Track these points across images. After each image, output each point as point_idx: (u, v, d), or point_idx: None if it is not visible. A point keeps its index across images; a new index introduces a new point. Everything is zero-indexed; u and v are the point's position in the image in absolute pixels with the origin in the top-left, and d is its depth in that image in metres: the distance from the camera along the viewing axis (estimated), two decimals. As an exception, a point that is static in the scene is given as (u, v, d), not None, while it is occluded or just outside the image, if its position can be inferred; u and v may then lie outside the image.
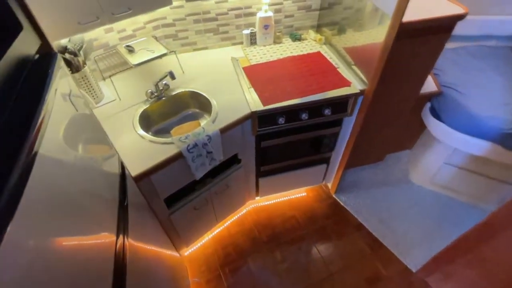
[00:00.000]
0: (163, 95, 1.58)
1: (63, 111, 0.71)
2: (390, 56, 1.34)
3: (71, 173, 0.65)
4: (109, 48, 1.61)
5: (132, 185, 1.11)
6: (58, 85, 0.70)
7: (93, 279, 0.60)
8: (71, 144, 0.69)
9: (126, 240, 0.84)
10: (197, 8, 1.72)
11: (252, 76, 1.67)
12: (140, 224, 1.11)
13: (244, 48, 1.93)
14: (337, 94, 1.55)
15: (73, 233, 0.56)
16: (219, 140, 1.41)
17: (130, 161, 1.25)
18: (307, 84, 1.60)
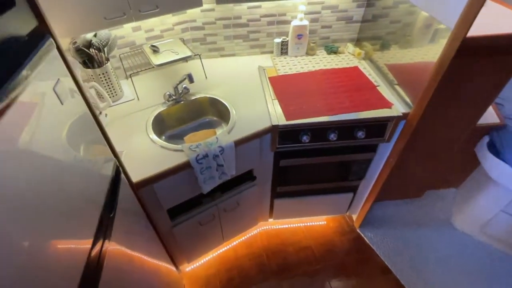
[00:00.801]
0: (182, 99, 1.49)
1: (44, 102, 0.61)
2: (445, 77, 1.12)
3: (39, 170, 0.55)
4: (135, 46, 1.57)
5: (126, 191, 1.00)
6: (41, 72, 0.61)
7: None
8: (43, 138, 0.59)
9: (106, 248, 0.74)
10: (228, 13, 1.64)
11: (277, 87, 1.52)
12: (131, 233, 0.99)
13: (273, 57, 1.81)
14: (374, 116, 1.35)
15: (40, 234, 0.53)
16: (232, 153, 1.27)
17: (135, 165, 1.15)
18: (339, 101, 1.42)
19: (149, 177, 1.12)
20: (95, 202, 0.77)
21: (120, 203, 0.89)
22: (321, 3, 1.66)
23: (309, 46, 1.79)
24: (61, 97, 0.67)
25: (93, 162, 0.81)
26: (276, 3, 1.63)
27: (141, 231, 1.12)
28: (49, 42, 0.66)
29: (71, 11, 1.10)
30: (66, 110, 0.71)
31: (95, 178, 0.80)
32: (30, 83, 0.56)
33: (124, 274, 0.86)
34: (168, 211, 1.37)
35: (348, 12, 1.72)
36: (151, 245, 1.21)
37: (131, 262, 0.93)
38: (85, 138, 0.80)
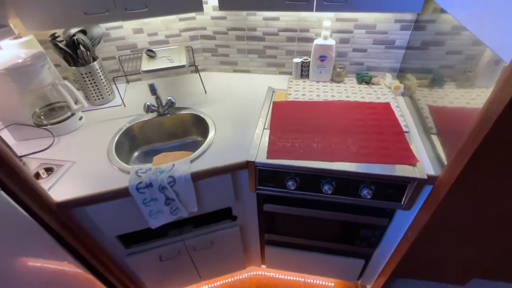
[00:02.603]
0: (167, 112, 1.31)
1: None
2: (502, 130, 0.70)
3: None
4: (136, 50, 1.47)
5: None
6: None
7: None
8: None
9: None
10: (241, 23, 1.43)
11: (277, 115, 1.24)
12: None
13: (291, 79, 1.53)
14: (387, 172, 0.96)
15: None
16: (189, 187, 1.02)
17: (74, 181, 1.00)
18: (347, 144, 1.06)
19: (75, 199, 0.94)
20: None
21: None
22: (353, 20, 1.33)
23: (335, 71, 1.46)
24: None
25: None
26: (297, 15, 1.37)
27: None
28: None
29: (46, 2, 1.02)
30: None
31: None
32: None
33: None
34: (120, 237, 1.18)
35: (388, 35, 1.35)
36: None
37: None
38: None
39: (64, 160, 1.10)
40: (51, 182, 1.00)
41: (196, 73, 1.63)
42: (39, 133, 1.19)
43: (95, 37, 1.29)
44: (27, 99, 1.15)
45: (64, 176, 1.03)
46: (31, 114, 1.19)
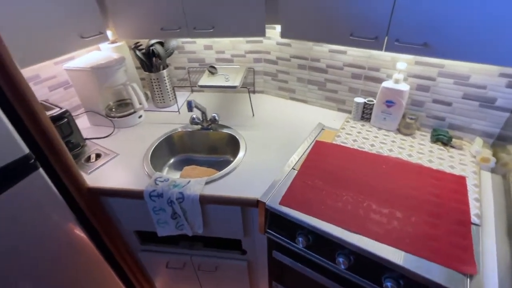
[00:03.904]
0: (210, 127, 1.35)
1: None
2: None
3: None
4: (204, 64, 1.58)
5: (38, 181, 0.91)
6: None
7: None
8: None
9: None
10: (305, 52, 1.36)
11: (312, 156, 1.11)
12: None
13: (349, 119, 1.36)
14: (423, 272, 0.72)
15: None
16: (197, 208, 1.00)
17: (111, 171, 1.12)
18: (385, 217, 0.86)
19: (101, 188, 1.05)
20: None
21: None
22: (438, 66, 1.10)
23: (404, 121, 1.23)
24: None
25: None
26: (367, 52, 1.21)
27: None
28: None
29: (133, 17, 1.19)
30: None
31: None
32: None
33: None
34: (138, 233, 1.26)
35: (487, 90, 1.05)
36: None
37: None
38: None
39: (112, 151, 1.24)
40: (94, 167, 1.14)
41: (252, 94, 1.64)
42: (107, 122, 1.39)
43: (170, 48, 1.44)
44: (104, 93, 1.36)
45: (105, 165, 1.16)
46: (105, 105, 1.40)
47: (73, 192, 0.99)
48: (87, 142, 1.30)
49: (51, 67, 1.30)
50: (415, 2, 0.82)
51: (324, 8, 0.97)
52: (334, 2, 0.94)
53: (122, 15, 1.21)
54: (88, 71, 1.23)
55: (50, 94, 1.32)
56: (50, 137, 0.87)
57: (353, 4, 0.92)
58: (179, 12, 1.16)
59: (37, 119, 0.83)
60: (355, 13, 0.93)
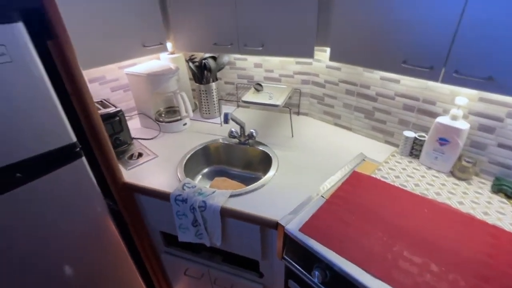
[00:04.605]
0: (246, 142, 1.36)
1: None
2: None
3: None
4: (252, 81, 1.63)
5: (80, 168, 0.97)
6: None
7: None
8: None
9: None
10: (355, 77, 1.31)
11: (346, 187, 1.03)
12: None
13: (395, 153, 1.25)
14: None
15: None
16: (217, 220, 1.00)
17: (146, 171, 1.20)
18: (415, 266, 0.74)
19: (133, 184, 1.11)
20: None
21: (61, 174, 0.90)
22: (507, 105, 0.95)
23: (460, 163, 1.08)
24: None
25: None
26: (423, 83, 1.11)
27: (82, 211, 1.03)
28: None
29: (191, 31, 1.30)
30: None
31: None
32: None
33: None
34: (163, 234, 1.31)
35: None
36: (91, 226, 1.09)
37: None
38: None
39: (153, 152, 1.32)
40: (134, 165, 1.23)
41: (296, 115, 1.62)
42: (154, 125, 1.50)
43: (221, 63, 1.52)
44: (156, 99, 1.48)
45: (144, 164, 1.24)
46: (156, 110, 1.52)
47: (109, 184, 1.08)
48: (134, 141, 1.41)
49: (115, 71, 1.46)
50: (480, 31, 0.73)
51: (376, 34, 0.93)
52: (388, 27, 0.90)
53: (182, 29, 1.32)
54: (144, 77, 1.36)
55: (111, 94, 1.48)
56: (97, 131, 0.97)
57: (408, 30, 0.86)
58: (233, 29, 1.22)
59: (88, 113, 0.93)
60: (410, 39, 0.86)
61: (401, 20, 0.86)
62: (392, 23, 0.88)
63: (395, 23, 0.88)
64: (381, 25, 0.91)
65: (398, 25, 0.87)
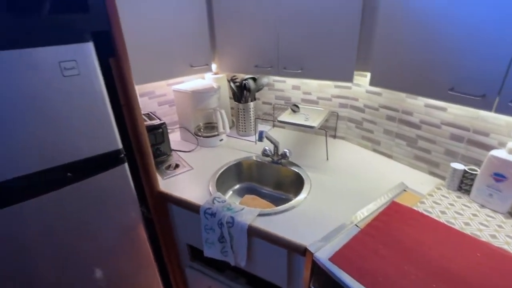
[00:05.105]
0: (279, 162, 1.36)
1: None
2: None
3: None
4: (289, 102, 1.64)
5: (121, 175, 1.04)
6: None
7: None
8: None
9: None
10: (397, 103, 1.26)
11: (384, 218, 0.96)
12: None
13: (441, 186, 1.15)
14: None
15: None
16: (243, 238, 0.99)
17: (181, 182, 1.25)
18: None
19: (166, 193, 1.16)
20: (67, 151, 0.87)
21: (101, 180, 0.97)
22: None
23: (522, 203, 0.95)
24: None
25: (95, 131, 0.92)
26: (473, 112, 1.03)
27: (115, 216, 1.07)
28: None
29: (235, 54, 1.38)
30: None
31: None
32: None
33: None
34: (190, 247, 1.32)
35: None
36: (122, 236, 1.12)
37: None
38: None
39: (189, 164, 1.38)
40: (170, 175, 1.29)
41: (332, 138, 1.58)
42: (193, 139, 1.57)
43: (260, 84, 1.57)
44: (196, 114, 1.56)
45: (179, 175, 1.30)
46: (195, 125, 1.60)
47: (146, 191, 1.13)
48: (173, 153, 1.48)
49: (164, 87, 1.58)
50: (546, 57, 0.67)
51: (421, 59, 0.90)
52: (434, 53, 0.86)
53: (226, 52, 1.40)
54: (189, 94, 1.45)
55: (158, 108, 1.59)
56: (141, 140, 1.04)
57: (457, 56, 0.81)
58: (273, 52, 1.27)
59: (136, 124, 1.01)
60: (458, 65, 0.81)
61: (449, 45, 0.82)
62: (439, 49, 0.85)
63: (442, 48, 0.84)
64: (426, 51, 0.88)
65: (445, 50, 0.83)
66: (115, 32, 0.88)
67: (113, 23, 0.87)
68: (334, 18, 1.06)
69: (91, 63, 0.83)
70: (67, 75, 0.80)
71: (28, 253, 0.88)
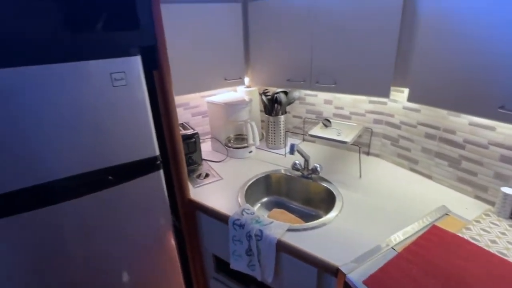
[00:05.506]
0: (309, 176, 1.33)
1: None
2: None
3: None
4: (320, 117, 1.62)
5: (156, 181, 1.07)
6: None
7: None
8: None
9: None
10: (438, 121, 1.19)
11: (424, 242, 0.90)
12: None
13: (489, 212, 1.05)
14: None
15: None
16: (272, 253, 0.97)
17: (208, 191, 1.26)
18: None
19: (195, 201, 1.18)
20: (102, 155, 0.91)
21: (136, 185, 1.01)
22: None
23: None
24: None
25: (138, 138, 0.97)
26: (529, 133, 0.94)
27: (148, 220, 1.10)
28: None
29: (267, 68, 1.40)
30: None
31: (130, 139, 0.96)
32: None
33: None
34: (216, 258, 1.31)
35: None
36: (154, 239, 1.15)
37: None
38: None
39: (219, 174, 1.39)
40: (200, 184, 1.31)
41: (366, 155, 1.53)
42: (223, 150, 1.59)
43: (292, 98, 1.57)
44: (228, 126, 1.59)
45: (209, 185, 1.31)
46: (226, 136, 1.63)
47: (177, 198, 1.16)
48: (204, 162, 1.51)
49: (198, 99, 1.64)
50: None
51: (467, 74, 0.85)
52: (482, 67, 0.81)
53: (260, 66, 1.43)
54: (222, 106, 1.49)
55: (191, 118, 1.65)
56: (177, 149, 1.07)
57: (508, 70, 0.76)
58: (307, 67, 1.27)
59: (173, 132, 1.05)
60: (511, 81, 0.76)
61: (500, 58, 0.77)
62: (488, 62, 0.80)
63: (491, 61, 0.79)
64: (473, 64, 0.83)
65: (495, 64, 0.78)
66: (160, 47, 0.94)
67: (159, 39, 0.93)
68: (371, 32, 1.05)
69: (138, 74, 0.89)
70: (116, 85, 0.86)
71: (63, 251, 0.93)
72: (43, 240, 0.88)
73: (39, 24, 0.73)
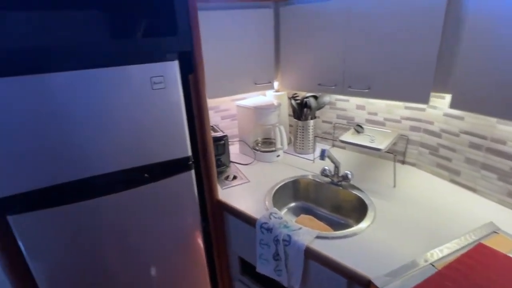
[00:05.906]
0: (339, 183, 1.29)
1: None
2: None
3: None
4: (352, 122, 1.57)
5: (187, 181, 1.10)
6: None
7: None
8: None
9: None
10: (484, 130, 1.10)
11: (468, 260, 0.83)
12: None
13: (544, 232, 0.95)
14: None
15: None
16: (299, 259, 0.94)
17: (237, 193, 1.27)
18: None
19: (223, 202, 1.19)
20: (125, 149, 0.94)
21: (165, 186, 1.04)
22: None
23: None
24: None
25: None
26: None
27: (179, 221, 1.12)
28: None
29: (298, 72, 1.39)
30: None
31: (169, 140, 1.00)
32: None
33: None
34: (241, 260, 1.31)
35: None
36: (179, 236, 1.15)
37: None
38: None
39: (246, 177, 1.40)
40: (228, 185, 1.32)
41: (400, 164, 1.45)
42: (251, 153, 1.60)
43: (322, 103, 1.54)
44: (256, 129, 1.60)
45: (237, 187, 1.32)
46: (254, 139, 1.63)
47: (206, 198, 1.17)
48: (232, 164, 1.52)
49: (228, 102, 1.67)
50: None
51: (524, 78, 0.77)
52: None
53: (289, 70, 1.43)
54: (251, 109, 1.50)
55: (220, 121, 1.68)
56: (208, 151, 1.09)
57: None
58: (339, 71, 1.24)
59: (204, 134, 1.07)
60: None
61: None
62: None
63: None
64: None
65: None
66: (196, 52, 0.98)
67: (195, 45, 0.96)
68: (410, 35, 1.00)
69: (175, 78, 0.94)
70: (155, 89, 0.91)
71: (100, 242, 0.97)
72: (82, 229, 0.93)
73: (88, 33, 0.79)
